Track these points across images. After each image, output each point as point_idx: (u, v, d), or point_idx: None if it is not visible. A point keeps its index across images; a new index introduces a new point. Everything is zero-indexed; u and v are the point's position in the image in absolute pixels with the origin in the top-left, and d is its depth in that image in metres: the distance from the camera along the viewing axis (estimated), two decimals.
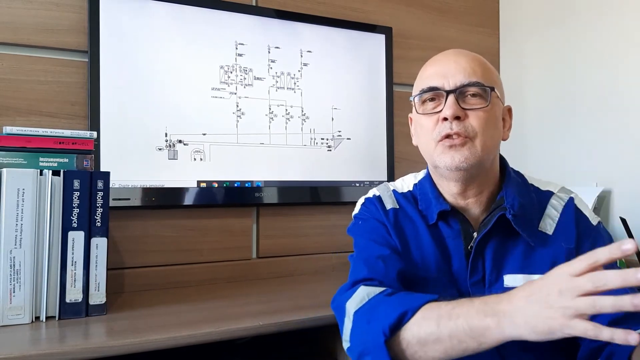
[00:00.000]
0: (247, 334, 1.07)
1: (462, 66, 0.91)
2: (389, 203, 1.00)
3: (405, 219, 0.97)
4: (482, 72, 0.92)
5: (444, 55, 0.96)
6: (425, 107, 0.94)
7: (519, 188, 0.95)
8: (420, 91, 0.94)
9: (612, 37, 1.62)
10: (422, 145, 0.97)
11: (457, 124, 0.89)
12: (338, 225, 1.70)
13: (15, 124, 1.30)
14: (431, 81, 0.92)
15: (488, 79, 0.92)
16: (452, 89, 0.90)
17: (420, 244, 0.94)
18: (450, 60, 0.93)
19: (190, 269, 1.50)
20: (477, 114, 0.90)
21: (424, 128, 0.94)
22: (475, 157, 0.89)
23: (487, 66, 0.95)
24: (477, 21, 1.98)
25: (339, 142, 1.69)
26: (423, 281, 0.91)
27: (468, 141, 0.89)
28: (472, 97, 0.90)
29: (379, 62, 1.77)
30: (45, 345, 0.95)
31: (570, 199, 0.95)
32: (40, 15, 1.35)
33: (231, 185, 1.53)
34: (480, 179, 0.93)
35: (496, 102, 0.93)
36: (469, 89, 0.90)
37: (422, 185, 1.01)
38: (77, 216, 1.12)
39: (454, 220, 0.94)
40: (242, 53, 1.56)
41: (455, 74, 0.90)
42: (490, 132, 0.91)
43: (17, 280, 1.07)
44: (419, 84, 0.96)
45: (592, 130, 1.67)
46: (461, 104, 0.89)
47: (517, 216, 0.89)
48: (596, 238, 0.91)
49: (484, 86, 0.90)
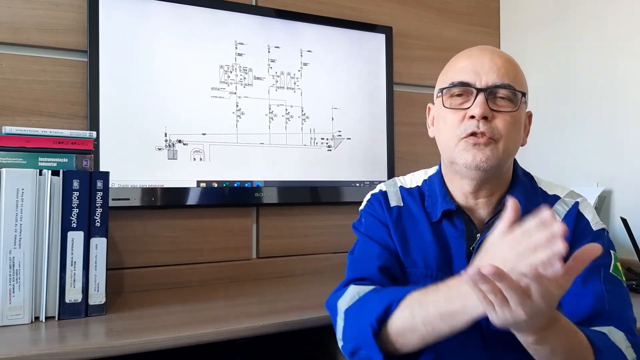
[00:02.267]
0: (247, 334, 1.07)
1: (497, 65, 0.89)
2: (393, 200, 0.99)
3: (408, 217, 0.97)
4: (515, 75, 0.90)
5: (479, 50, 0.93)
6: (452, 101, 0.91)
7: (526, 192, 0.94)
8: (450, 84, 0.91)
9: (613, 37, 1.61)
10: (442, 139, 0.93)
11: (483, 123, 0.86)
12: (338, 225, 1.70)
13: (15, 124, 1.29)
14: (463, 75, 0.90)
15: (519, 83, 0.90)
16: (484, 87, 0.88)
17: (421, 243, 0.94)
18: (486, 57, 0.90)
19: (190, 269, 1.49)
20: (504, 117, 0.88)
21: (448, 123, 0.91)
22: (496, 159, 0.87)
23: (520, 70, 0.93)
24: (478, 21, 1.98)
25: (339, 142, 1.69)
26: (423, 280, 0.91)
27: (492, 142, 0.87)
28: (502, 99, 0.88)
29: (379, 62, 1.76)
30: (44, 345, 0.95)
31: (575, 204, 0.93)
32: (40, 15, 1.35)
33: (231, 185, 1.52)
34: (494, 181, 0.92)
35: (523, 107, 0.92)
36: (500, 91, 0.88)
37: (431, 182, 1.00)
38: (76, 216, 1.12)
39: (459, 220, 0.93)
40: (242, 53, 1.55)
41: (489, 72, 0.88)
42: (514, 136, 0.90)
43: (17, 280, 1.07)
44: (450, 75, 0.93)
45: (593, 130, 1.67)
46: (490, 105, 0.87)
47: (521, 219, 0.88)
48: (591, 242, 0.89)
49: (515, 90, 0.88)
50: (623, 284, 0.89)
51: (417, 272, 0.92)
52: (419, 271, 0.92)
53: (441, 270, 0.91)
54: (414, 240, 0.95)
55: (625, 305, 0.87)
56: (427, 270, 0.92)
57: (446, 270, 0.91)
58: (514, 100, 0.89)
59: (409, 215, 0.97)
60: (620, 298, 0.86)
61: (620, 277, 0.89)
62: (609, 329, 0.80)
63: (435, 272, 0.91)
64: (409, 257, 0.94)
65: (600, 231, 0.92)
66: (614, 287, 0.86)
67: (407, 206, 0.98)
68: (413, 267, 0.93)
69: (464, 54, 0.94)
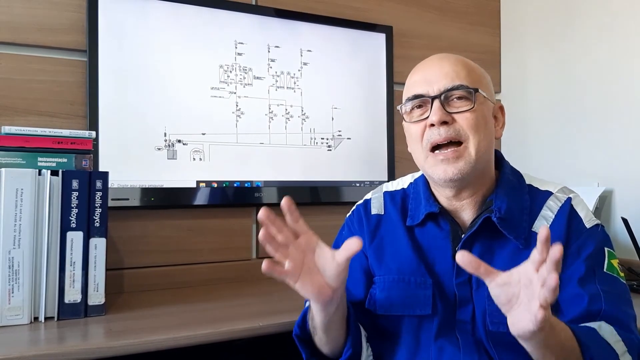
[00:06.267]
0: (246, 334, 1.07)
1: (445, 70, 0.91)
2: (375, 208, 1.03)
3: (386, 224, 1.00)
4: (466, 74, 0.91)
5: (427, 61, 0.96)
6: (413, 115, 0.94)
7: (511, 190, 0.94)
8: (405, 100, 0.95)
9: (614, 36, 1.61)
10: (414, 154, 0.97)
11: (445, 129, 0.88)
12: (338, 225, 1.67)
13: (14, 124, 1.29)
14: (416, 88, 0.92)
15: (472, 80, 0.91)
16: (437, 94, 0.90)
17: (397, 249, 0.96)
18: (434, 66, 0.93)
19: (190, 269, 1.49)
20: (464, 116, 0.89)
21: (413, 136, 0.94)
22: (469, 166, 0.89)
23: (471, 67, 0.94)
24: (478, 20, 1.98)
25: (339, 142, 1.69)
26: (396, 285, 0.94)
27: (460, 151, 0.88)
28: (458, 100, 0.90)
29: (379, 61, 1.76)
30: (44, 345, 0.95)
31: (567, 199, 0.93)
32: (39, 15, 1.35)
33: (231, 185, 1.52)
34: (474, 182, 0.93)
35: (483, 101, 0.92)
36: (454, 93, 0.90)
37: (416, 184, 1.02)
38: (75, 216, 1.12)
39: (444, 221, 0.94)
40: (242, 52, 1.55)
41: (439, 79, 0.90)
42: (482, 132, 0.90)
43: (16, 280, 1.07)
44: (405, 92, 0.96)
45: (594, 130, 1.67)
46: (447, 109, 0.89)
47: (503, 219, 0.89)
48: (585, 241, 0.89)
49: (467, 88, 0.90)
50: (620, 280, 0.89)
51: (390, 278, 0.95)
52: (391, 277, 0.95)
53: (415, 274, 0.93)
54: (390, 247, 0.98)
55: (622, 303, 0.87)
56: (400, 276, 0.94)
57: (422, 272, 0.93)
58: (470, 98, 0.90)
59: (389, 222, 1.00)
60: (618, 296, 0.87)
61: (617, 274, 0.89)
62: (599, 324, 0.81)
63: (408, 276, 0.93)
64: (384, 264, 0.97)
65: (594, 228, 0.91)
66: (610, 286, 0.87)
67: (388, 213, 1.01)
68: (387, 274, 0.96)
69: (417, 67, 0.98)
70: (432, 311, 0.90)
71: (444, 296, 0.91)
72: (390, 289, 0.94)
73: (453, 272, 0.91)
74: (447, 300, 0.91)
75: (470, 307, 0.89)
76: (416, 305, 0.91)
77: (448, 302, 0.91)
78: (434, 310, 0.90)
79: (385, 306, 0.94)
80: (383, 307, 0.94)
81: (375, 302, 0.95)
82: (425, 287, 0.92)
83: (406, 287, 0.93)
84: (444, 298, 0.91)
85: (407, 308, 0.92)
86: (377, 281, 0.97)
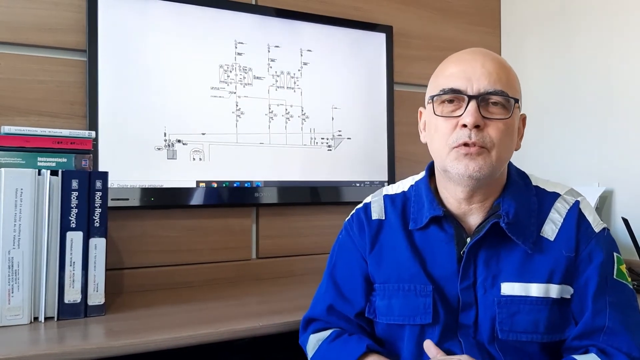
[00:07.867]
0: (246, 334, 1.07)
1: (489, 71, 0.86)
2: (375, 212, 1.00)
3: (386, 230, 0.97)
4: (507, 80, 0.87)
5: (470, 54, 0.91)
6: (444, 108, 0.89)
7: (519, 193, 0.92)
8: (440, 91, 0.88)
9: (613, 36, 1.61)
10: (434, 147, 0.92)
11: (475, 132, 0.84)
12: (338, 225, 1.67)
13: (14, 124, 1.29)
14: (454, 81, 0.87)
15: (513, 89, 0.88)
16: (475, 94, 0.85)
17: (396, 255, 0.94)
18: (476, 61, 0.88)
19: (190, 269, 1.49)
20: (496, 125, 0.86)
21: (439, 131, 0.89)
22: (489, 168, 0.86)
23: (513, 74, 0.91)
24: (478, 20, 1.98)
25: (339, 141, 1.69)
26: (395, 293, 0.93)
27: (484, 151, 0.86)
28: (494, 105, 0.86)
29: (379, 61, 1.76)
30: (43, 345, 0.95)
31: (576, 203, 0.92)
32: (39, 15, 1.35)
33: (230, 185, 1.52)
34: (487, 187, 0.91)
35: (517, 113, 0.90)
36: (493, 97, 0.86)
37: (417, 187, 0.99)
38: (75, 216, 1.12)
39: (449, 225, 0.92)
40: (242, 52, 1.55)
41: (481, 78, 0.86)
42: (507, 144, 0.88)
43: (16, 280, 1.07)
44: (440, 81, 0.90)
45: (594, 130, 1.66)
46: (482, 112, 0.85)
47: (511, 224, 0.87)
48: (595, 247, 0.88)
49: (508, 97, 0.86)
50: (628, 287, 0.89)
51: (390, 286, 0.93)
52: (391, 285, 0.93)
53: (414, 281, 0.91)
54: (389, 253, 0.95)
55: (628, 313, 0.86)
56: (399, 284, 0.92)
57: (422, 278, 0.91)
58: (507, 106, 0.87)
59: (389, 227, 0.97)
60: (625, 305, 0.86)
61: (625, 280, 0.89)
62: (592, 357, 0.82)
63: (407, 284, 0.92)
64: (383, 271, 0.95)
65: (602, 232, 0.91)
66: (619, 296, 0.86)
67: (388, 218, 0.98)
68: (387, 282, 0.94)
69: (455, 58, 0.92)
70: (433, 320, 0.88)
71: (445, 301, 0.89)
72: (390, 297, 0.93)
73: (458, 276, 0.89)
74: (449, 305, 0.89)
75: (473, 311, 0.88)
76: (417, 314, 0.90)
77: (450, 308, 0.89)
78: (435, 319, 0.88)
79: (386, 315, 0.93)
80: (384, 315, 0.93)
81: (376, 310, 0.94)
82: (425, 294, 0.89)
83: (406, 296, 0.91)
84: (445, 303, 0.89)
85: (407, 317, 0.90)
86: (377, 289, 0.95)
